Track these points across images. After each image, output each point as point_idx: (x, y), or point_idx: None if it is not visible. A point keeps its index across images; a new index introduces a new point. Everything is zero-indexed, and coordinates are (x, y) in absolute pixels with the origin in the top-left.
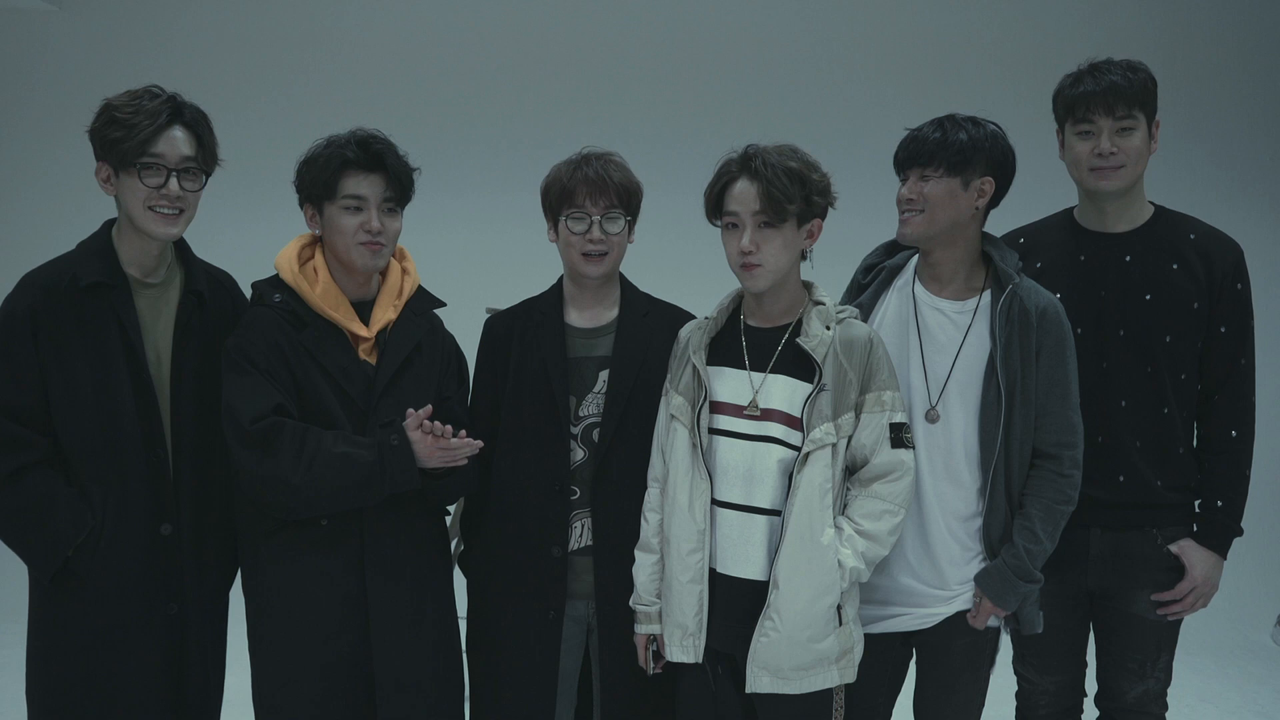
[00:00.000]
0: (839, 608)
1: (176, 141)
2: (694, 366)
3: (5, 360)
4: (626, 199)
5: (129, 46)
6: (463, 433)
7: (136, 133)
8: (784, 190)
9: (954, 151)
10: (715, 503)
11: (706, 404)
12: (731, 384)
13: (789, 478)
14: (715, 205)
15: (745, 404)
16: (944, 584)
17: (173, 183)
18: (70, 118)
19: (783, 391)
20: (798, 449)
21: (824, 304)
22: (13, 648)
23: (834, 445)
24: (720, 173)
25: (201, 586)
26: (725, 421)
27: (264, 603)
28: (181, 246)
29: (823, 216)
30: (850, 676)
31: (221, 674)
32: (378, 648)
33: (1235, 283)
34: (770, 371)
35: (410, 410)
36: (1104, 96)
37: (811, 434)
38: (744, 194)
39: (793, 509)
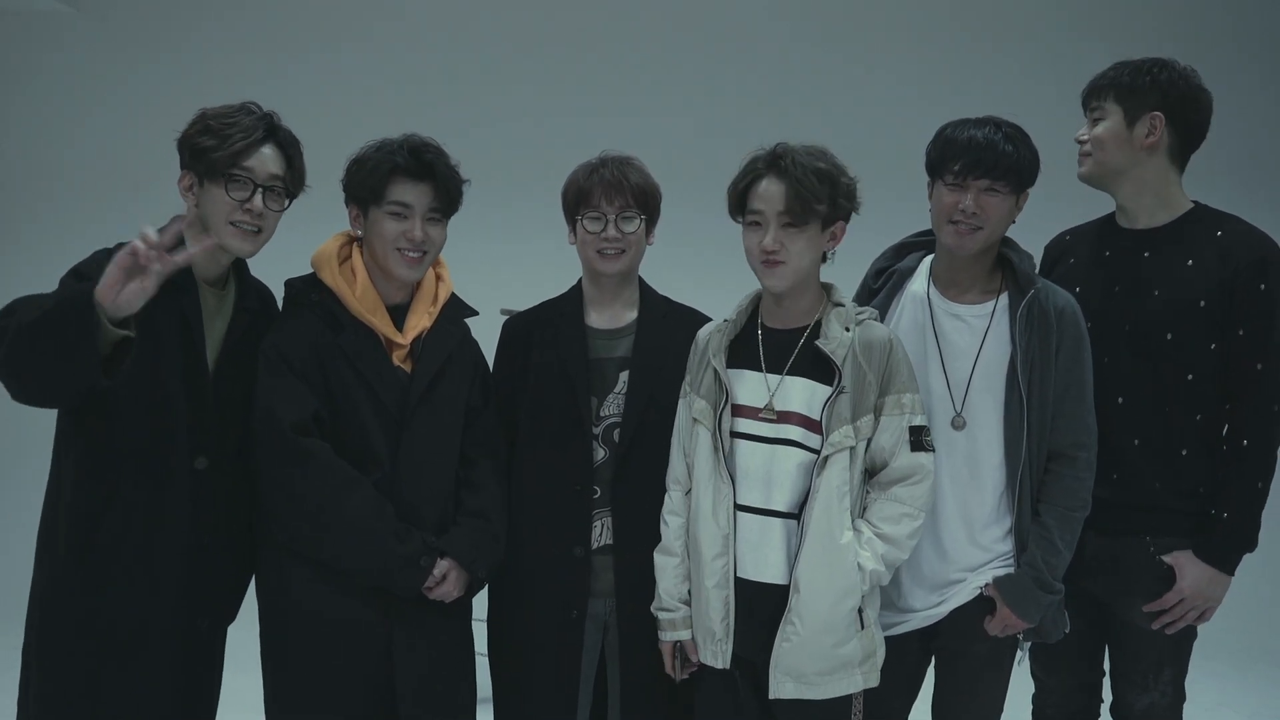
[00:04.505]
0: (860, 611)
1: (267, 159)
2: (714, 369)
3: None
4: (643, 200)
5: (145, 48)
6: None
7: (230, 144)
8: (812, 191)
9: (1027, 170)
10: (737, 507)
11: (728, 407)
12: (750, 386)
13: (808, 481)
14: (739, 202)
15: (761, 406)
16: (953, 582)
17: (257, 198)
18: (85, 119)
19: (800, 394)
20: (816, 451)
21: (843, 306)
22: None
23: (853, 448)
24: (746, 170)
25: (228, 600)
26: (745, 425)
27: (285, 611)
28: (238, 261)
29: (847, 220)
30: (873, 680)
31: (219, 679)
32: (399, 655)
33: (1257, 282)
34: (788, 374)
35: (453, 571)
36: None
37: (830, 437)
38: (769, 193)
39: (812, 512)
